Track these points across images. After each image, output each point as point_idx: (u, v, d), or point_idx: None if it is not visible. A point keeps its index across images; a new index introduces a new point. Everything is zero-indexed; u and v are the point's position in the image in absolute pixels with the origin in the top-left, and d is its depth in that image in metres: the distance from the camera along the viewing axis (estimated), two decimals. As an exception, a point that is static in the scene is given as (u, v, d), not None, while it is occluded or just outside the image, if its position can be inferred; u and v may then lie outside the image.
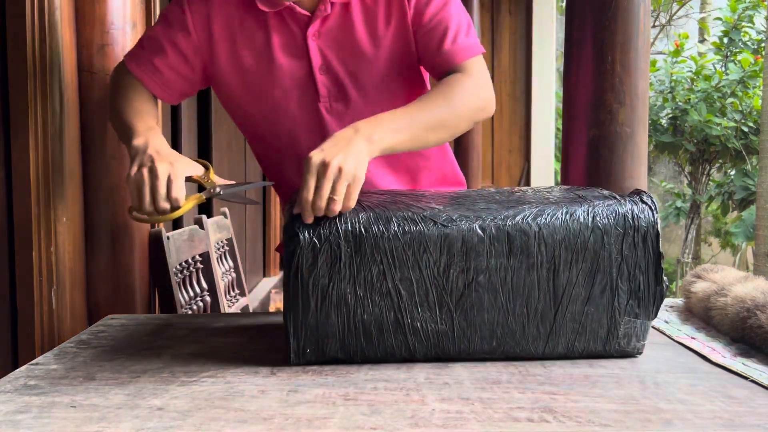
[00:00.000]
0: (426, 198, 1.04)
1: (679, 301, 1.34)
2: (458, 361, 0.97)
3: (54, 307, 1.39)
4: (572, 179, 1.35)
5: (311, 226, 0.92)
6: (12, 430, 0.75)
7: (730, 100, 6.42)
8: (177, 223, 2.06)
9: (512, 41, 5.37)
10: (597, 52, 1.28)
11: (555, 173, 5.64)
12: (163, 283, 1.72)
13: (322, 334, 0.93)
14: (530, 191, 1.07)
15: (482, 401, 0.82)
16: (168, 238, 1.73)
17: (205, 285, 2.04)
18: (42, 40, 1.35)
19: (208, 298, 2.03)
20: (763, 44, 6.60)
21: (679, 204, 7.15)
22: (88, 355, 1.02)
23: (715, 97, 6.43)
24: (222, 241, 2.40)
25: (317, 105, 1.23)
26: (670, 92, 6.70)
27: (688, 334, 1.11)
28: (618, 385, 0.88)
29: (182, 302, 1.79)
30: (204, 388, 0.87)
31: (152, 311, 1.74)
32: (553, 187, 1.12)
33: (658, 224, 0.95)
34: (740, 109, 6.42)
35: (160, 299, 1.73)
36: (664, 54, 7.40)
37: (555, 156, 5.64)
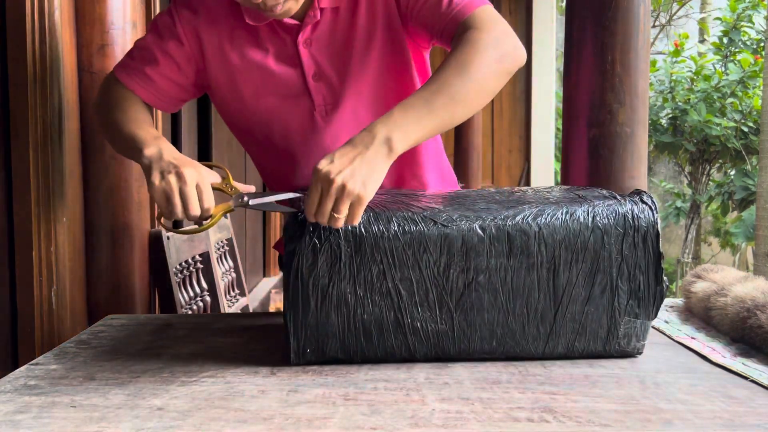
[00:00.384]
0: (426, 198, 1.04)
1: (679, 301, 1.34)
2: (458, 361, 0.97)
3: (54, 307, 1.39)
4: (572, 179, 1.35)
5: (311, 226, 0.92)
6: (12, 430, 0.75)
7: (730, 100, 6.43)
8: (177, 223, 2.05)
9: (512, 41, 5.36)
10: (597, 52, 1.28)
11: (555, 173, 5.64)
12: (163, 283, 1.72)
13: (322, 334, 0.93)
14: (530, 191, 1.07)
15: (482, 401, 0.82)
16: (168, 238, 1.73)
17: (205, 285, 2.04)
18: (42, 40, 1.35)
19: (208, 298, 2.03)
20: (762, 44, 6.60)
21: (679, 204, 7.16)
22: (88, 355, 1.02)
23: (715, 97, 6.43)
24: (222, 241, 2.40)
25: (313, 113, 1.21)
26: (670, 92, 6.70)
27: (688, 334, 1.11)
28: (618, 385, 0.88)
29: (182, 302, 1.79)
30: (204, 388, 0.87)
31: (152, 311, 1.74)
32: (553, 187, 1.12)
33: (658, 224, 0.95)
34: (740, 109, 6.42)
35: (160, 299, 1.73)
36: (664, 54, 7.40)
37: (555, 156, 5.64)
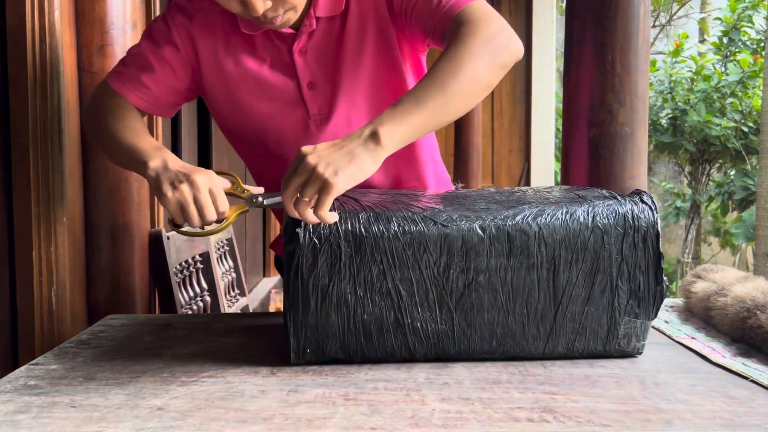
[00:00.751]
0: (426, 198, 1.04)
1: (679, 301, 1.34)
2: (458, 361, 0.97)
3: (54, 307, 1.39)
4: (572, 179, 1.34)
5: (311, 226, 0.92)
6: (12, 430, 0.75)
7: (730, 100, 6.43)
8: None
9: (512, 41, 5.36)
10: (597, 52, 1.28)
11: (555, 173, 5.64)
12: (163, 283, 1.72)
13: (322, 334, 0.93)
14: (530, 191, 1.07)
15: (482, 401, 0.82)
16: (168, 238, 1.73)
17: (205, 285, 2.04)
18: (42, 40, 1.35)
19: (208, 298, 2.03)
20: (762, 44, 6.60)
21: (679, 204, 7.16)
22: (88, 355, 1.02)
23: (715, 98, 6.44)
24: (222, 241, 2.40)
25: (307, 122, 1.20)
26: (670, 92, 6.71)
27: (688, 334, 1.12)
28: (618, 385, 0.88)
29: (182, 302, 1.80)
30: (204, 388, 0.87)
31: (152, 311, 1.74)
32: (553, 187, 1.12)
33: (658, 224, 0.95)
34: (740, 109, 6.43)
35: (160, 299, 1.73)
36: (664, 54, 7.40)
37: (555, 156, 5.64)
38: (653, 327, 1.16)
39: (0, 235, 1.35)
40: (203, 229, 1.02)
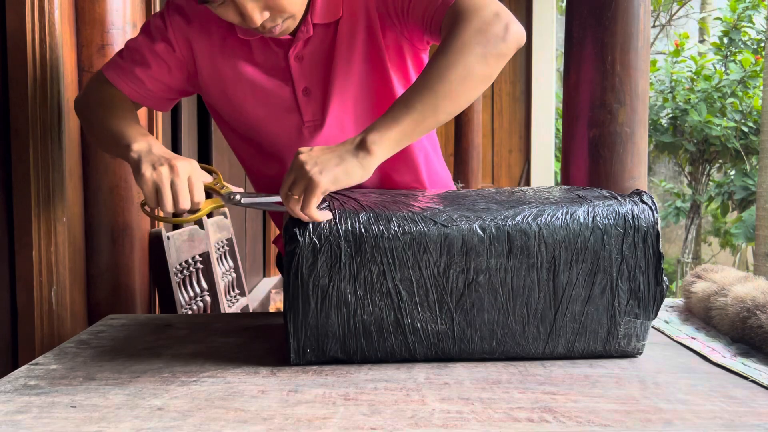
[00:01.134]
0: (426, 198, 1.04)
1: (679, 301, 1.34)
2: (458, 361, 0.97)
3: (54, 307, 1.39)
4: (572, 179, 1.34)
5: (311, 226, 0.92)
6: (12, 430, 0.75)
7: (730, 100, 6.43)
8: (176, 223, 2.06)
9: (512, 41, 5.36)
10: (597, 52, 1.28)
11: (555, 173, 5.65)
12: (163, 283, 1.72)
13: (322, 334, 0.93)
14: (530, 191, 1.07)
15: (482, 401, 0.82)
16: (168, 238, 1.73)
17: (205, 285, 2.04)
18: (42, 40, 1.35)
19: (208, 298, 2.03)
20: (763, 44, 6.60)
21: (679, 204, 7.16)
22: (88, 355, 1.02)
23: (715, 97, 6.44)
24: (222, 241, 2.40)
25: (301, 128, 1.20)
26: (670, 92, 6.71)
27: (688, 334, 1.12)
28: (618, 385, 0.88)
29: (182, 302, 1.79)
30: (204, 388, 0.87)
31: (152, 311, 1.74)
32: (553, 187, 1.12)
33: (658, 224, 0.95)
34: (740, 109, 6.43)
35: (160, 299, 1.73)
36: (664, 54, 7.40)
37: (555, 156, 5.64)
38: (653, 327, 1.16)
39: (0, 235, 1.35)
40: (175, 216, 1.02)
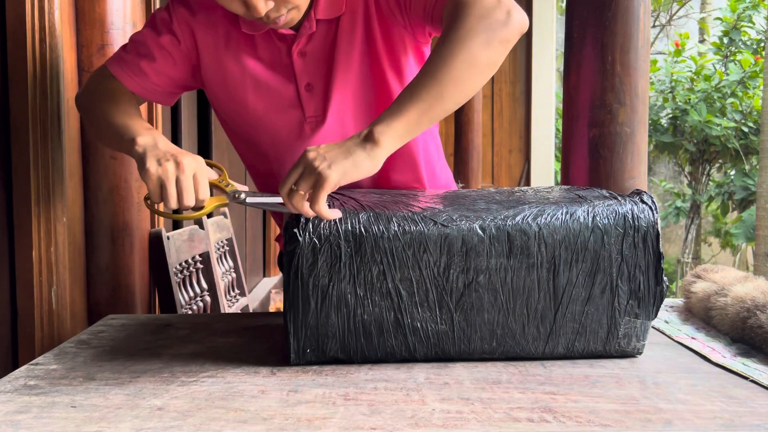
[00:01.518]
0: (426, 198, 1.04)
1: (679, 301, 1.34)
2: (458, 361, 0.97)
3: (54, 307, 1.39)
4: (572, 179, 1.34)
5: (311, 226, 0.92)
6: (12, 430, 0.75)
7: (730, 100, 6.43)
8: (177, 222, 2.06)
9: (512, 41, 5.36)
10: (597, 52, 1.28)
11: (555, 173, 5.64)
12: (163, 283, 1.72)
13: (322, 334, 0.93)
14: (530, 191, 1.07)
15: (482, 401, 0.82)
16: (168, 238, 1.73)
17: (205, 285, 2.04)
18: (42, 40, 1.35)
19: (208, 298, 2.03)
20: (763, 44, 6.60)
21: (679, 204, 7.16)
22: (88, 355, 1.02)
23: (715, 98, 6.44)
24: (222, 241, 2.40)
25: (302, 124, 1.20)
26: (670, 92, 6.71)
27: (688, 334, 1.11)
28: (618, 385, 0.88)
29: (182, 302, 1.79)
30: (204, 388, 0.87)
31: (152, 311, 1.74)
32: (553, 187, 1.12)
33: (658, 224, 0.95)
34: (740, 109, 6.43)
35: (160, 299, 1.73)
36: (664, 54, 7.40)
37: (555, 156, 5.64)
38: (653, 327, 1.16)
39: (0, 235, 1.35)
40: (179, 213, 1.01)
